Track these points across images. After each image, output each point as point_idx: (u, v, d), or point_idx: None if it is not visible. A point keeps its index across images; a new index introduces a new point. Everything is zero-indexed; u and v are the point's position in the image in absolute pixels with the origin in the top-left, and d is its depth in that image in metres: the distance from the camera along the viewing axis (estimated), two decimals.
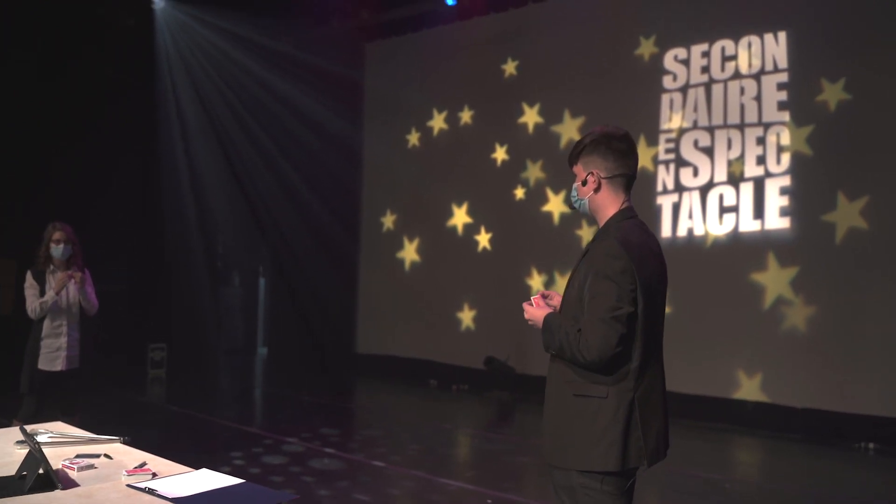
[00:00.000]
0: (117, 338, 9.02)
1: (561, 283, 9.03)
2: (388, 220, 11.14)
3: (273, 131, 11.31)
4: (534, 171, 9.54)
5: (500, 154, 9.89)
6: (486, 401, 9.31)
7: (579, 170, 2.46)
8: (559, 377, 2.39)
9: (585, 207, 2.49)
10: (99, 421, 4.89)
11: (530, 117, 9.61)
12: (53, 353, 4.79)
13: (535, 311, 2.46)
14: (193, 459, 3.08)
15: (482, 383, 9.63)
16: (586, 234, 8.93)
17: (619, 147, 2.39)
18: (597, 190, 2.43)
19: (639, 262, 2.29)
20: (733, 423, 7.70)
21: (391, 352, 10.88)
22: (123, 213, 10.26)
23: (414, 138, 10.83)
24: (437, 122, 10.56)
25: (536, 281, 9.41)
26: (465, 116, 10.24)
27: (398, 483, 5.55)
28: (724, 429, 7.64)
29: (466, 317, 10.12)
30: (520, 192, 9.66)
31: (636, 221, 2.44)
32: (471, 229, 10.18)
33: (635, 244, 2.32)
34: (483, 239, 10.04)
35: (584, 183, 2.45)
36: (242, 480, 2.33)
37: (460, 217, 10.29)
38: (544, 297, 2.57)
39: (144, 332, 10.40)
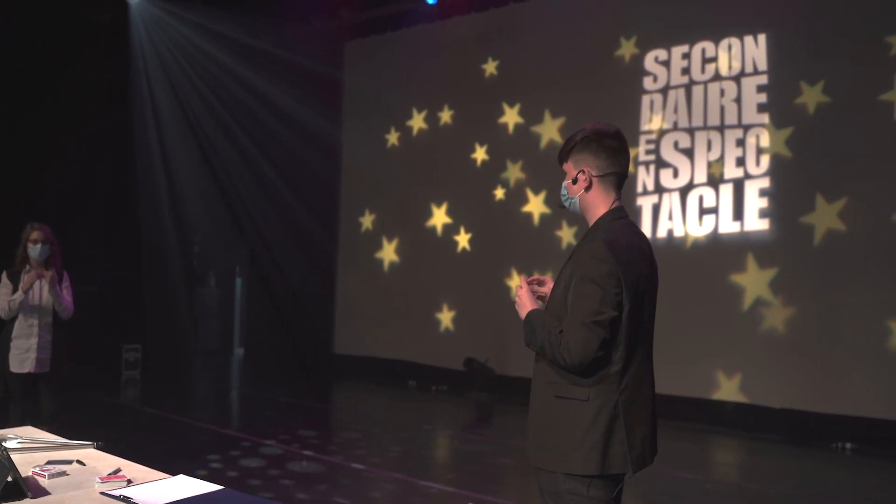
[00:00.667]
0: (90, 339, 8.84)
1: None
2: (367, 220, 11.06)
3: (250, 129, 11.16)
4: (514, 172, 9.51)
5: (480, 154, 9.85)
6: (465, 402, 9.26)
7: (569, 167, 2.41)
8: (542, 378, 2.35)
9: (576, 206, 2.44)
10: (71, 425, 4.77)
11: (510, 117, 9.58)
12: (23, 354, 4.67)
13: (525, 301, 2.41)
14: (169, 463, 2.99)
15: (461, 384, 9.58)
16: (566, 234, 8.92)
17: (611, 145, 2.34)
18: (587, 189, 2.37)
19: (625, 264, 2.24)
20: (712, 424, 7.72)
21: (370, 353, 10.79)
22: (97, 212, 10.08)
23: (393, 138, 10.75)
24: (417, 122, 10.50)
25: (516, 282, 9.32)
26: (445, 116, 10.19)
27: (379, 486, 5.47)
28: (703, 429, 7.66)
29: (446, 318, 10.06)
30: (500, 193, 9.62)
31: (626, 222, 2.39)
32: (450, 230, 10.13)
33: (623, 246, 2.27)
34: (462, 239, 9.99)
35: (575, 181, 2.39)
36: (221, 487, 2.25)
37: (440, 217, 10.23)
38: (539, 283, 2.53)
39: (118, 332, 10.22)
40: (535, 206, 9.28)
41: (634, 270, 2.27)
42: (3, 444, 2.47)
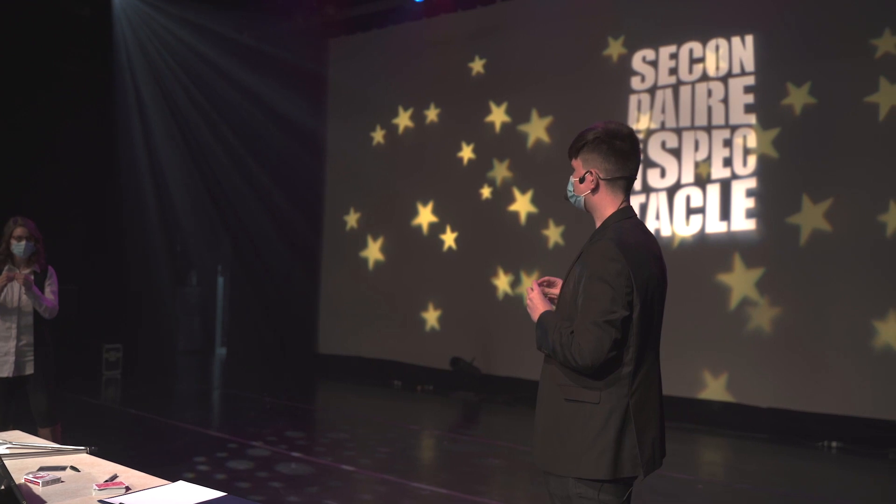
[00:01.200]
0: (70, 338, 8.68)
1: (527, 283, 9.00)
2: (352, 219, 10.98)
3: (235, 126, 11.04)
4: (500, 171, 9.48)
5: (467, 153, 9.81)
6: (451, 402, 9.22)
7: (578, 165, 2.37)
8: (551, 380, 2.31)
9: (581, 204, 2.40)
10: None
11: (497, 116, 9.55)
12: (1, 357, 4.53)
13: (537, 304, 2.38)
14: (155, 466, 2.92)
15: (447, 384, 9.54)
16: (553, 233, 8.90)
17: (622, 148, 2.29)
18: (594, 190, 2.34)
19: (636, 264, 2.21)
20: (699, 423, 7.75)
21: (354, 352, 10.71)
22: (79, 209, 9.91)
23: (379, 136, 10.68)
24: (403, 120, 10.43)
25: (502, 281, 9.35)
26: (432, 114, 10.14)
27: (370, 488, 5.42)
28: (691, 429, 7.68)
29: (431, 317, 10.01)
30: (486, 192, 9.59)
31: (635, 221, 2.36)
32: (436, 228, 10.08)
33: (633, 245, 2.25)
34: (449, 238, 9.94)
35: (582, 180, 2.36)
36: (223, 493, 2.18)
37: (425, 216, 10.17)
38: (549, 284, 2.49)
39: (99, 332, 10.05)
40: (522, 205, 9.26)
41: (644, 270, 2.25)
42: None
